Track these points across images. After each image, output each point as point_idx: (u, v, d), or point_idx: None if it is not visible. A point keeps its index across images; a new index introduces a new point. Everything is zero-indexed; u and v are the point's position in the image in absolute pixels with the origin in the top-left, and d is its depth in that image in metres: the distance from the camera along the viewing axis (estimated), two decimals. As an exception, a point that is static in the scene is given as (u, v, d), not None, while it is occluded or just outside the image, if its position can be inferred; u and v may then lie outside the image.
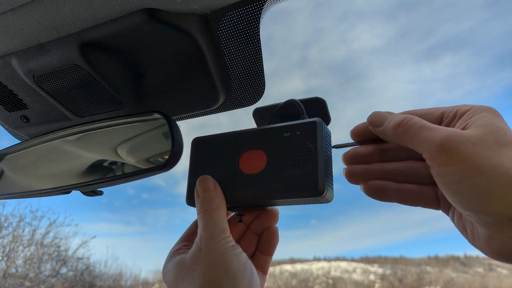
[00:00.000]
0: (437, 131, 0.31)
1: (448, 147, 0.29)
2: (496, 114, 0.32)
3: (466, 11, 17.25)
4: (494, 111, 0.32)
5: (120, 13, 0.42)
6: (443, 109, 0.35)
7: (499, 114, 0.32)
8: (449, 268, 15.40)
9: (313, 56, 42.79)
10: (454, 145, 0.29)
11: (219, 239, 0.38)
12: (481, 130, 0.30)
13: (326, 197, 0.38)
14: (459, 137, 0.29)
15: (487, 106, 0.33)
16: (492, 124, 0.30)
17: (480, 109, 0.32)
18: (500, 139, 0.29)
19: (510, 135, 0.30)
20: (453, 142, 0.29)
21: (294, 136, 0.40)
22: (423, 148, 0.31)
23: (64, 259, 8.37)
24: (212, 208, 0.40)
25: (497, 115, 0.32)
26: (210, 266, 0.36)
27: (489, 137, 0.29)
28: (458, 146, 0.29)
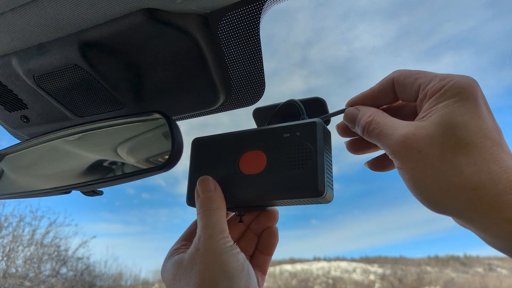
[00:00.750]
0: (392, 131, 0.33)
1: (398, 153, 0.32)
2: (462, 99, 0.30)
3: (468, 10, 17.30)
4: (462, 96, 0.30)
5: (120, 13, 0.41)
6: (421, 81, 0.34)
7: (468, 96, 0.30)
8: (449, 268, 15.40)
9: (314, 55, 42.73)
10: (403, 151, 0.31)
11: (217, 239, 0.38)
12: (433, 130, 0.31)
13: (326, 198, 0.38)
14: (412, 138, 0.31)
15: (459, 86, 0.31)
16: (449, 121, 0.30)
17: (448, 93, 0.31)
18: (449, 141, 0.30)
19: (463, 133, 0.29)
20: (403, 147, 0.31)
21: (294, 136, 0.40)
22: (384, 149, 0.34)
23: (64, 259, 8.37)
24: (212, 209, 0.40)
25: (463, 100, 0.30)
26: (208, 266, 0.36)
27: (438, 140, 0.30)
28: (407, 152, 0.31)
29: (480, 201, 0.28)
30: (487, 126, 0.30)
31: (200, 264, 0.37)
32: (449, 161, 0.29)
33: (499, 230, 0.27)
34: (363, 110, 0.37)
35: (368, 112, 0.36)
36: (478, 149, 0.29)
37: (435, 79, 0.32)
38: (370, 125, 0.35)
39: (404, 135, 0.32)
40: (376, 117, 0.35)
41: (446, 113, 0.30)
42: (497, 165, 0.28)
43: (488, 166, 0.28)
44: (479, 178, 0.28)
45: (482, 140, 0.29)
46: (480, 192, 0.28)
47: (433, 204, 0.31)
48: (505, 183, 0.27)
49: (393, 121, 0.34)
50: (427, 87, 0.33)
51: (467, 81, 0.31)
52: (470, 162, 0.29)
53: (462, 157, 0.29)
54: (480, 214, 0.28)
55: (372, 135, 0.35)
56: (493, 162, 0.28)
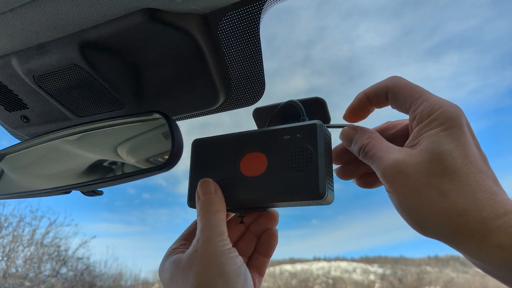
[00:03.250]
0: (384, 155, 0.34)
1: (388, 178, 0.33)
2: (448, 128, 0.31)
3: (471, 9, 17.22)
4: (448, 125, 0.32)
5: (120, 13, 0.41)
6: (411, 101, 0.35)
7: (455, 125, 0.31)
8: (449, 268, 15.40)
9: (316, 54, 42.74)
10: (392, 175, 0.33)
11: (215, 242, 0.38)
12: (421, 157, 0.32)
13: (327, 200, 0.38)
14: (402, 164, 0.32)
15: (446, 115, 0.32)
16: (436, 149, 0.31)
17: (435, 121, 0.32)
18: (436, 168, 0.31)
19: (449, 161, 0.30)
20: (396, 168, 0.33)
21: (294, 138, 0.40)
22: (376, 171, 0.35)
23: (64, 259, 8.38)
24: (212, 211, 0.40)
25: (450, 129, 0.31)
26: (205, 268, 0.37)
27: (426, 167, 0.31)
28: (396, 176, 0.32)
29: (466, 227, 0.29)
30: (473, 153, 0.31)
31: (198, 265, 0.37)
32: (436, 187, 0.30)
33: (487, 256, 0.28)
34: (360, 131, 0.39)
35: (366, 134, 0.38)
36: (464, 176, 0.30)
37: (426, 104, 0.33)
38: (367, 147, 0.36)
39: (395, 159, 0.33)
40: (372, 140, 0.37)
41: (434, 141, 0.32)
42: (482, 191, 0.29)
43: (473, 192, 0.29)
44: (464, 205, 0.29)
45: (467, 168, 0.30)
46: (465, 218, 0.29)
47: (420, 227, 0.32)
48: (489, 209, 0.28)
49: (388, 145, 0.35)
50: (417, 111, 0.34)
51: (454, 110, 0.32)
52: (456, 189, 0.30)
53: (449, 184, 0.30)
54: (466, 240, 0.29)
55: (366, 156, 0.36)
56: (479, 188, 0.29)
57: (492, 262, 0.28)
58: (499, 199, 0.29)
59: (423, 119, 0.33)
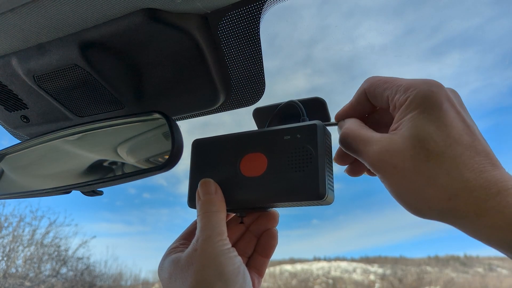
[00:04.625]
0: (369, 152, 0.34)
1: (375, 168, 0.33)
2: (426, 109, 0.31)
3: (474, 7, 17.20)
4: (425, 106, 0.31)
5: (120, 13, 0.41)
6: (388, 92, 0.34)
7: (432, 104, 0.31)
8: (449, 268, 15.40)
9: (318, 54, 42.65)
10: (384, 167, 0.32)
11: (215, 241, 0.38)
12: (403, 144, 0.31)
13: (327, 200, 0.38)
14: (386, 153, 0.32)
15: (422, 96, 0.31)
16: (417, 134, 0.30)
17: (412, 104, 0.31)
18: (420, 155, 0.30)
19: (431, 145, 0.30)
20: (382, 157, 0.32)
21: (294, 139, 0.40)
22: (364, 163, 0.35)
23: (64, 259, 8.38)
24: (212, 211, 0.40)
25: (427, 110, 0.30)
26: (204, 268, 0.37)
27: (409, 155, 0.30)
28: (383, 167, 0.32)
29: (458, 210, 0.28)
30: (456, 131, 0.30)
31: (196, 264, 0.37)
32: (423, 173, 0.30)
33: (483, 235, 0.28)
34: (342, 123, 0.39)
35: (346, 124, 0.37)
36: (449, 158, 0.29)
37: (400, 89, 0.33)
38: (346, 140, 0.36)
39: (378, 152, 0.33)
40: (352, 130, 0.36)
41: (412, 126, 0.31)
42: (470, 171, 0.28)
43: (461, 174, 0.28)
44: (453, 188, 0.28)
45: (452, 148, 0.29)
46: (456, 201, 0.28)
47: (415, 211, 0.32)
48: (480, 189, 0.28)
49: (369, 134, 0.35)
50: (394, 99, 0.33)
51: (430, 88, 0.31)
52: (442, 173, 0.29)
53: (434, 169, 0.29)
54: (460, 221, 0.29)
55: (349, 150, 0.36)
56: (466, 168, 0.28)
57: (489, 242, 0.28)
58: (490, 176, 0.28)
59: (401, 104, 0.32)
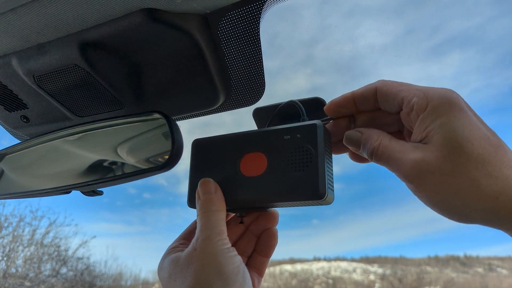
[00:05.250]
0: (404, 159, 0.33)
1: (412, 181, 0.33)
2: (453, 113, 0.31)
3: (474, 7, 17.14)
4: (451, 110, 0.31)
5: (120, 13, 0.41)
6: (404, 94, 0.35)
7: (457, 109, 0.31)
8: (449, 268, 15.40)
9: (319, 53, 42.59)
10: (421, 176, 0.32)
11: (215, 241, 0.38)
12: (440, 151, 0.31)
13: (327, 200, 0.38)
14: (423, 162, 0.32)
15: (445, 100, 0.32)
16: (453, 139, 0.31)
17: (437, 110, 0.32)
18: (460, 158, 0.30)
19: (469, 148, 0.30)
20: (419, 168, 0.32)
21: (294, 138, 0.40)
22: (397, 174, 0.34)
23: (64, 259, 8.38)
24: (212, 211, 0.40)
25: (455, 114, 0.31)
26: (203, 267, 0.37)
27: (449, 160, 0.30)
28: (424, 171, 0.31)
29: (505, 208, 0.29)
30: (485, 133, 0.31)
31: (196, 264, 0.37)
32: (465, 177, 0.30)
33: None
34: (367, 134, 0.38)
35: (374, 136, 0.37)
36: (487, 158, 0.30)
37: (419, 93, 0.33)
38: (378, 150, 0.36)
39: (414, 160, 0.32)
40: (383, 141, 0.36)
41: (447, 132, 0.31)
42: (509, 169, 0.29)
43: (501, 172, 0.29)
44: (497, 187, 0.29)
45: (487, 149, 0.30)
46: (502, 199, 0.29)
47: (459, 217, 0.32)
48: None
49: (400, 144, 0.35)
50: (412, 101, 0.34)
51: (451, 94, 0.32)
52: (485, 174, 0.30)
53: (476, 171, 0.30)
54: (507, 221, 0.29)
55: (381, 159, 0.36)
56: (504, 166, 0.29)
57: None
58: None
59: (422, 109, 0.33)
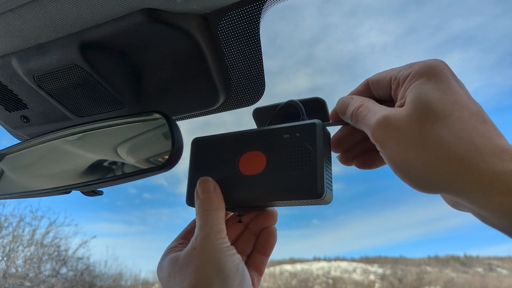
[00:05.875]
0: (374, 114, 0.33)
1: (379, 136, 0.32)
2: (431, 77, 0.31)
3: (476, 6, 17.07)
4: (430, 74, 0.31)
5: (120, 13, 0.41)
6: (391, 74, 0.35)
7: (437, 73, 0.31)
8: (449, 268, 15.40)
9: (319, 53, 42.59)
10: (382, 132, 0.31)
11: (214, 239, 0.38)
12: (409, 108, 0.31)
13: (325, 199, 0.38)
14: (391, 117, 0.31)
15: (426, 66, 0.31)
16: (422, 98, 0.30)
17: (416, 75, 0.32)
18: (426, 115, 0.30)
19: (438, 107, 0.29)
20: (386, 122, 0.31)
21: (293, 137, 0.40)
22: (367, 132, 0.34)
23: (64, 259, 8.38)
24: (211, 209, 0.40)
25: (433, 78, 0.31)
26: (203, 265, 0.37)
27: (416, 117, 0.30)
28: (390, 125, 0.31)
29: (468, 173, 0.27)
30: (463, 99, 0.30)
31: (195, 262, 0.37)
32: (429, 134, 0.29)
33: (495, 204, 0.26)
34: (356, 98, 0.38)
35: (360, 99, 0.37)
36: (457, 120, 0.29)
37: (404, 67, 0.34)
38: (359, 110, 0.36)
39: (383, 115, 0.32)
40: (365, 102, 0.36)
41: (419, 91, 0.31)
42: (480, 136, 0.28)
43: (470, 136, 0.28)
44: (462, 149, 0.28)
45: (460, 112, 0.29)
46: (466, 163, 0.27)
47: (419, 183, 0.30)
48: (491, 153, 0.27)
49: (379, 106, 0.34)
50: (398, 76, 0.34)
51: (434, 61, 0.32)
52: (451, 134, 0.28)
53: (442, 129, 0.29)
54: (470, 187, 0.27)
55: (358, 119, 0.36)
56: (475, 133, 0.28)
57: (501, 211, 0.26)
58: (501, 144, 0.27)
59: (405, 78, 0.33)
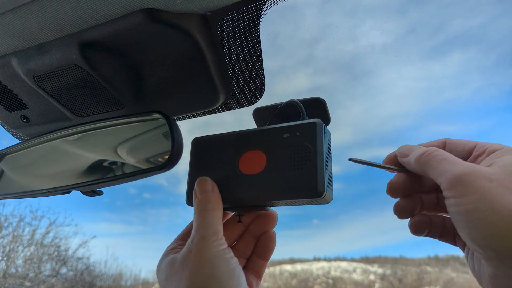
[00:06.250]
0: (457, 164, 0.31)
1: (465, 179, 0.29)
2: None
3: (477, 6, 16.98)
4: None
5: (120, 13, 0.41)
6: (475, 143, 0.35)
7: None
8: (449, 268, 15.39)
9: (320, 53, 42.57)
10: (471, 178, 0.29)
11: (210, 242, 0.37)
12: (502, 169, 0.29)
13: (325, 198, 0.38)
14: (477, 172, 0.29)
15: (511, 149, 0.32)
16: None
17: (509, 151, 0.31)
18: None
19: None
20: (470, 175, 0.29)
21: (293, 137, 0.40)
22: (441, 179, 0.31)
23: (64, 259, 8.37)
24: (208, 209, 0.40)
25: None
26: (197, 270, 0.36)
27: (508, 176, 0.29)
28: (475, 180, 0.29)
29: None
30: None
31: (191, 266, 0.37)
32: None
33: None
34: (425, 145, 0.37)
35: (432, 147, 0.35)
36: None
37: (494, 144, 0.34)
38: (432, 154, 0.33)
39: (471, 166, 0.30)
40: (440, 150, 0.34)
41: (508, 159, 0.30)
42: None
43: None
44: None
45: None
46: None
47: (492, 246, 0.27)
48: None
49: (459, 159, 0.33)
50: (485, 147, 0.33)
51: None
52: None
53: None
54: None
55: (429, 162, 0.33)
56: None
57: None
58: None
59: (495, 150, 0.32)
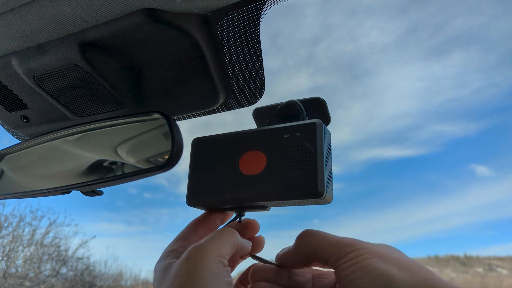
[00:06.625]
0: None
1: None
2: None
3: (477, 6, 17.02)
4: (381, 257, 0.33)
5: (120, 13, 0.41)
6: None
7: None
8: (449, 268, 15.39)
9: (320, 53, 42.64)
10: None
11: (209, 257, 0.35)
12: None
13: (326, 199, 0.38)
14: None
15: (376, 251, 0.34)
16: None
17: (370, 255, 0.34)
18: None
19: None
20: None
21: (293, 137, 0.40)
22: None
23: (64, 259, 8.38)
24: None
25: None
26: (187, 285, 0.33)
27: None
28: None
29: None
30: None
31: (181, 280, 0.34)
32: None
33: None
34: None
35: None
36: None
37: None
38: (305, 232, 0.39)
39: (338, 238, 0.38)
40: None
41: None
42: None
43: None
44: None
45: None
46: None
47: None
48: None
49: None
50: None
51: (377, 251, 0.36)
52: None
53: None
54: None
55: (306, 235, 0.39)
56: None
57: None
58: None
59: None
